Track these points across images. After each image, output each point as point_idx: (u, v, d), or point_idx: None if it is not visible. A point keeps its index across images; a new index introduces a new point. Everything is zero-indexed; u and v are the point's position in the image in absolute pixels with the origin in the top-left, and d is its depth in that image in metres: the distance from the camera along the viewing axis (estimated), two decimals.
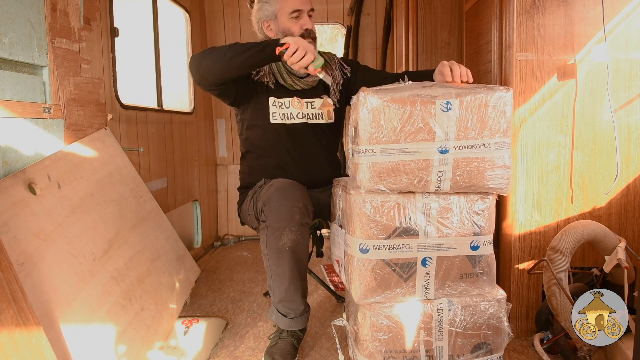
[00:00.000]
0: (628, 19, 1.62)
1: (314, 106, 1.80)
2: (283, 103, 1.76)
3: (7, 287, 1.12)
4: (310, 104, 1.79)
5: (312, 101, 1.80)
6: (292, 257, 1.52)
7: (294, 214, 1.48)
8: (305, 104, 1.78)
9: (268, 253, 1.55)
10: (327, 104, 1.81)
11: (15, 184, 1.37)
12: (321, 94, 1.81)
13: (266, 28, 1.76)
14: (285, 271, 1.54)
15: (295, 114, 1.77)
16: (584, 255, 1.73)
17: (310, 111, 1.79)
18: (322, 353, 1.75)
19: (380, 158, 1.31)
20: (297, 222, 1.49)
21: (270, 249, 1.53)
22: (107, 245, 1.64)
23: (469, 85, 1.37)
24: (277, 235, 1.49)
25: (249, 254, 3.15)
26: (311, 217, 1.56)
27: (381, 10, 3.46)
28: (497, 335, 1.42)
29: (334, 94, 1.82)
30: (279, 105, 1.76)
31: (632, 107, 1.65)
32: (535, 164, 1.69)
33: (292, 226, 1.49)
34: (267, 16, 1.73)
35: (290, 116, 1.77)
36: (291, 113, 1.77)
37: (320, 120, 1.81)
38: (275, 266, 1.55)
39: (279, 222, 1.49)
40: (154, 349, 1.65)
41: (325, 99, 1.80)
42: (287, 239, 1.49)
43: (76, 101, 1.76)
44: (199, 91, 3.32)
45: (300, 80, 1.77)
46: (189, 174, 3.07)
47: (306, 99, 1.79)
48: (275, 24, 1.73)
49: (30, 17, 1.51)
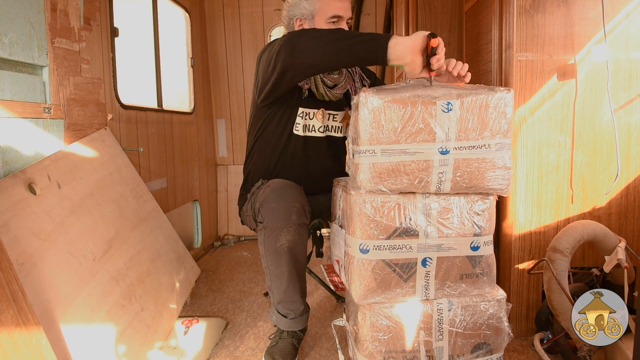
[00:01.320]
0: (628, 19, 1.62)
1: (336, 119, 1.77)
2: (308, 114, 1.72)
3: (7, 287, 1.12)
4: (333, 116, 1.77)
5: (335, 114, 1.77)
6: (290, 257, 1.52)
7: (291, 214, 1.48)
8: (328, 116, 1.75)
9: (266, 254, 1.54)
10: (348, 116, 1.77)
11: (15, 184, 1.37)
12: (344, 107, 1.79)
13: (298, 26, 1.69)
14: (284, 272, 1.54)
15: (317, 127, 1.74)
16: (584, 255, 1.74)
17: (330, 123, 1.77)
18: (322, 353, 1.75)
19: (381, 158, 1.31)
20: (295, 223, 1.49)
21: (268, 249, 1.52)
22: (107, 245, 1.64)
23: (470, 85, 1.37)
24: (274, 236, 1.49)
25: (249, 254, 3.15)
26: (309, 217, 1.56)
27: (381, 10, 3.46)
28: (497, 336, 1.42)
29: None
30: (305, 116, 1.71)
31: (632, 107, 1.65)
32: (535, 164, 1.69)
33: (290, 226, 1.48)
34: (303, 14, 1.66)
35: (312, 128, 1.74)
36: (313, 125, 1.74)
37: (339, 134, 1.79)
38: (274, 267, 1.55)
39: (276, 223, 1.48)
40: (154, 349, 1.65)
41: (347, 112, 1.77)
42: (284, 240, 1.49)
43: (76, 101, 1.76)
44: (199, 91, 3.32)
45: (330, 91, 1.72)
46: (189, 174, 3.07)
47: (330, 111, 1.76)
48: (311, 24, 1.66)
49: (30, 17, 1.51)
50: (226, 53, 3.56)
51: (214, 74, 3.58)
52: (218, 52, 3.56)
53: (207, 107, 3.47)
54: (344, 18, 1.65)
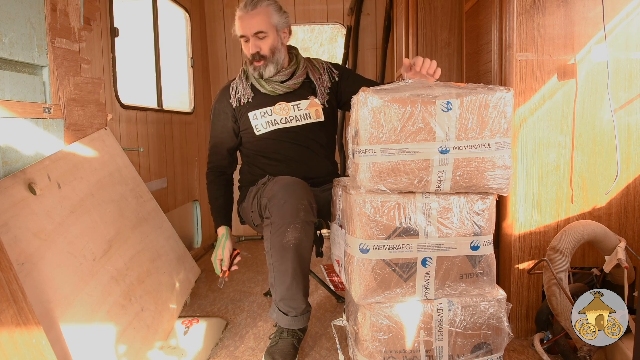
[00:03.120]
0: (628, 19, 1.62)
1: (301, 107, 1.83)
2: (265, 112, 1.82)
3: (7, 287, 1.12)
4: (297, 106, 1.83)
5: (297, 103, 1.84)
6: (295, 254, 1.52)
7: (299, 211, 1.49)
8: (292, 108, 1.83)
9: (271, 250, 1.55)
10: (315, 104, 1.84)
11: (15, 184, 1.37)
12: (308, 95, 1.85)
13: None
14: (288, 269, 1.54)
15: (279, 120, 1.82)
16: (584, 255, 1.73)
17: (297, 113, 1.83)
18: (322, 353, 1.75)
19: (381, 158, 1.31)
20: (302, 220, 1.49)
21: (274, 245, 1.53)
22: (107, 245, 1.64)
23: (470, 85, 1.37)
24: (281, 232, 1.50)
25: (248, 254, 3.15)
26: (315, 215, 1.57)
27: (381, 10, 3.46)
28: (497, 335, 1.42)
29: (321, 95, 1.85)
30: (262, 115, 1.82)
31: (632, 107, 1.65)
32: (535, 164, 1.69)
33: (297, 223, 1.49)
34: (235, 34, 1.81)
35: (274, 122, 1.82)
36: (274, 120, 1.82)
37: (309, 120, 1.84)
38: (279, 263, 1.55)
39: (283, 219, 1.49)
40: (154, 349, 1.65)
41: (312, 100, 1.85)
42: (291, 236, 1.50)
43: (76, 101, 1.76)
44: (199, 91, 3.32)
45: (281, 84, 1.81)
46: (189, 174, 3.07)
47: (292, 102, 1.83)
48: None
49: (30, 17, 1.51)
50: (226, 53, 3.56)
51: (214, 74, 3.58)
52: (218, 52, 3.56)
53: (207, 107, 3.47)
54: (248, 36, 1.74)
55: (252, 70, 1.79)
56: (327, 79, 1.89)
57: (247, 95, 1.83)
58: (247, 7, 1.72)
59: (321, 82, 1.87)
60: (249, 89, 1.85)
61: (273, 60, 1.76)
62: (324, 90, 1.87)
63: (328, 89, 1.88)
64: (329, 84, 1.88)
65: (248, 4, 1.72)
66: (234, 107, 1.85)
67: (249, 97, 1.83)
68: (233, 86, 1.87)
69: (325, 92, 1.87)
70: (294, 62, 1.84)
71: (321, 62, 1.94)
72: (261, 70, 1.77)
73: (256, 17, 1.71)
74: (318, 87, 1.86)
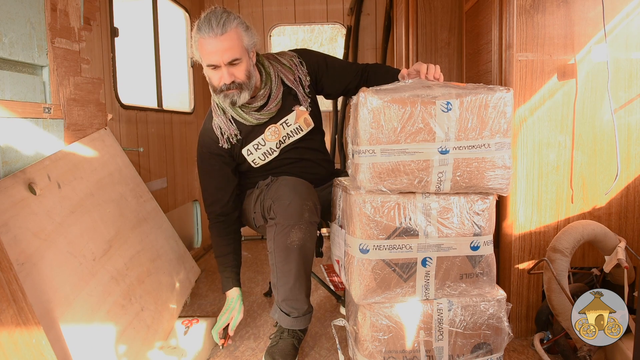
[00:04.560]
0: (628, 19, 1.62)
1: (289, 123, 1.72)
2: (258, 144, 1.71)
3: (7, 287, 1.12)
4: (285, 123, 1.71)
5: (285, 120, 1.71)
6: (299, 255, 1.52)
7: (304, 212, 1.49)
8: (281, 127, 1.71)
9: (275, 250, 1.54)
10: (301, 112, 1.73)
11: (15, 184, 1.37)
12: (292, 107, 1.72)
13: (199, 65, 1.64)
14: (292, 269, 1.54)
15: (274, 146, 1.72)
16: (584, 255, 1.73)
17: (288, 130, 1.72)
18: (322, 353, 1.75)
19: (381, 158, 1.31)
20: (307, 221, 1.49)
21: (278, 246, 1.53)
22: (107, 245, 1.64)
23: (470, 85, 1.37)
24: (285, 232, 1.50)
25: (248, 254, 3.15)
26: (319, 216, 1.57)
27: (381, 10, 3.46)
28: (497, 335, 1.42)
29: (304, 99, 1.73)
30: (255, 149, 1.71)
31: (632, 107, 1.65)
32: (535, 164, 1.69)
33: (301, 224, 1.49)
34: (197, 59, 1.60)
35: (272, 152, 1.73)
36: (270, 149, 1.72)
37: (301, 134, 1.74)
38: (282, 264, 1.55)
39: (288, 220, 1.49)
40: (154, 348, 1.65)
41: (298, 109, 1.72)
42: (295, 237, 1.49)
43: (76, 101, 1.76)
44: (199, 91, 3.32)
45: (260, 111, 1.67)
46: (189, 174, 3.07)
47: (280, 121, 1.71)
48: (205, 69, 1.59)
49: (30, 17, 1.51)
50: None
51: None
52: None
53: (207, 107, 3.45)
54: (220, 65, 1.51)
55: (223, 98, 1.57)
56: (304, 78, 1.73)
57: (234, 132, 1.68)
58: (212, 30, 1.46)
59: (299, 84, 1.72)
60: (231, 124, 1.68)
61: (249, 85, 1.57)
62: (304, 91, 1.73)
63: (308, 88, 1.74)
64: (307, 82, 1.73)
65: (214, 26, 1.47)
66: (227, 149, 1.70)
67: (236, 134, 1.69)
68: (216, 127, 1.70)
69: (306, 94, 1.73)
70: (266, 78, 1.66)
71: (290, 59, 1.75)
72: (234, 98, 1.55)
73: (227, 42, 1.47)
74: (298, 92, 1.72)
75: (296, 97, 1.73)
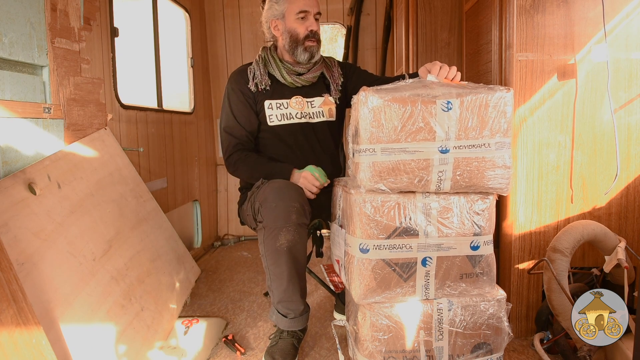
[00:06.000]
0: (628, 19, 1.62)
1: (314, 105, 1.82)
2: (281, 104, 1.78)
3: (7, 287, 1.12)
4: (311, 103, 1.81)
5: (312, 100, 1.82)
6: (289, 257, 1.52)
7: (291, 214, 1.48)
8: (306, 104, 1.81)
9: (266, 254, 1.55)
10: (329, 102, 1.83)
11: (15, 184, 1.37)
12: (322, 93, 1.84)
13: (274, 28, 1.80)
14: (284, 271, 1.54)
15: (295, 114, 1.79)
16: (584, 255, 1.73)
17: (310, 110, 1.81)
18: (322, 353, 1.75)
19: (381, 157, 1.31)
20: (294, 222, 1.49)
21: (268, 249, 1.53)
22: (107, 245, 1.64)
23: (470, 84, 1.37)
24: (274, 235, 1.50)
25: (249, 254, 3.15)
26: (308, 217, 1.56)
27: (381, 10, 3.46)
28: (497, 335, 1.42)
29: (334, 92, 1.84)
30: (277, 107, 1.78)
31: (632, 107, 1.65)
32: (535, 164, 1.69)
33: (289, 226, 1.49)
34: (276, 15, 1.77)
35: (290, 116, 1.79)
36: (290, 113, 1.79)
37: (321, 118, 1.82)
38: (274, 267, 1.55)
39: (275, 222, 1.49)
40: (154, 348, 1.65)
41: (327, 98, 1.83)
42: (284, 239, 1.49)
43: (76, 101, 1.76)
44: (199, 91, 3.32)
45: (300, 77, 1.79)
46: (189, 174, 3.07)
47: (307, 98, 1.81)
48: (283, 23, 1.77)
49: (30, 17, 1.51)
50: (226, 53, 3.56)
51: (214, 74, 3.58)
52: (218, 52, 3.56)
53: (207, 107, 3.47)
54: (310, 12, 1.74)
55: (302, 52, 1.74)
56: (338, 77, 1.87)
57: (265, 83, 1.78)
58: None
59: (334, 79, 1.86)
60: (266, 76, 1.79)
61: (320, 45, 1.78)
62: (336, 87, 1.85)
63: (340, 86, 1.86)
64: (340, 80, 1.87)
65: None
66: (253, 92, 1.78)
67: (266, 85, 1.78)
68: (250, 70, 1.81)
69: (337, 90, 1.85)
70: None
71: (332, 59, 1.93)
72: (313, 50, 1.74)
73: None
74: (332, 83, 1.85)
75: (329, 87, 1.86)
